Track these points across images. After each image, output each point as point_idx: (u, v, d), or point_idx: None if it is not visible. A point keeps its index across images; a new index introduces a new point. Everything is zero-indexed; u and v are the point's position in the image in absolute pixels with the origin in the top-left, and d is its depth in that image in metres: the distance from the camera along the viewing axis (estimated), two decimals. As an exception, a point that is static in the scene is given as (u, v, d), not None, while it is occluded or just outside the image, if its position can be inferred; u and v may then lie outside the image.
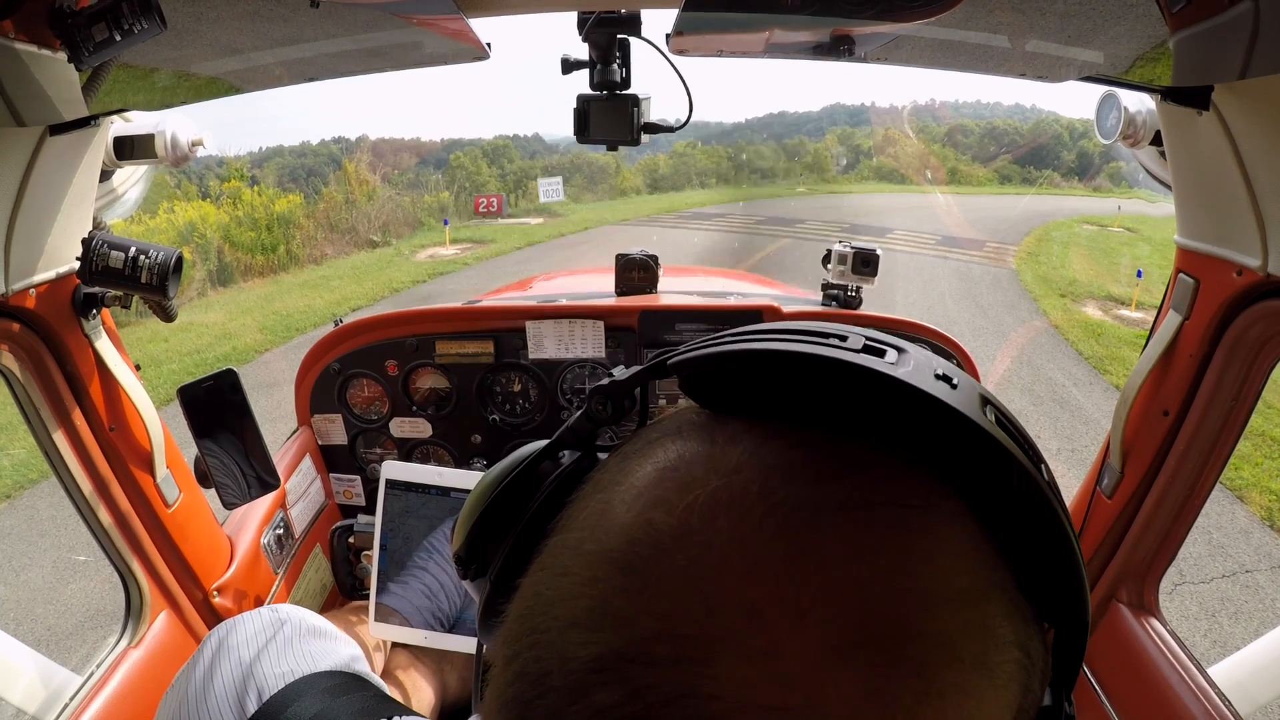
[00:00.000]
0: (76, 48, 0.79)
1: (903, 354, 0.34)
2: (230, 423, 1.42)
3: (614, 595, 0.30)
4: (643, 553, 0.31)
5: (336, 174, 19.92)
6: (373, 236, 16.20)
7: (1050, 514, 0.32)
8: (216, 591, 1.48)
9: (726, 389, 0.37)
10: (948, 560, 0.31)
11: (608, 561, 0.31)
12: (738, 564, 0.29)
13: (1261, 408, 2.29)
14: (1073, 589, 0.33)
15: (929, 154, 26.67)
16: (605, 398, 0.44)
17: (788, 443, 0.33)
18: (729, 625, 0.28)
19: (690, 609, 0.29)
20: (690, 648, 0.28)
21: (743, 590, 0.28)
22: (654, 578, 0.30)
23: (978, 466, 0.32)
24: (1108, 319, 9.64)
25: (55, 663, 1.32)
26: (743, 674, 0.27)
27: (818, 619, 0.28)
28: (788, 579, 0.29)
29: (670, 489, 0.32)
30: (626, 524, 0.32)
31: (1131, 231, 15.53)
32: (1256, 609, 4.03)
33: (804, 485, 0.31)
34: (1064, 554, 0.33)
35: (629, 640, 0.29)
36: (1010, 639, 0.31)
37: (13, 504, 5.23)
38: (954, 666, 0.28)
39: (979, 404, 0.33)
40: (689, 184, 25.05)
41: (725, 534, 0.30)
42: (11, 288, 1.07)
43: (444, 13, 1.06)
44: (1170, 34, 0.85)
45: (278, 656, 0.56)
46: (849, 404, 0.34)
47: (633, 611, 0.29)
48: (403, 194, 18.90)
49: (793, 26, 1.11)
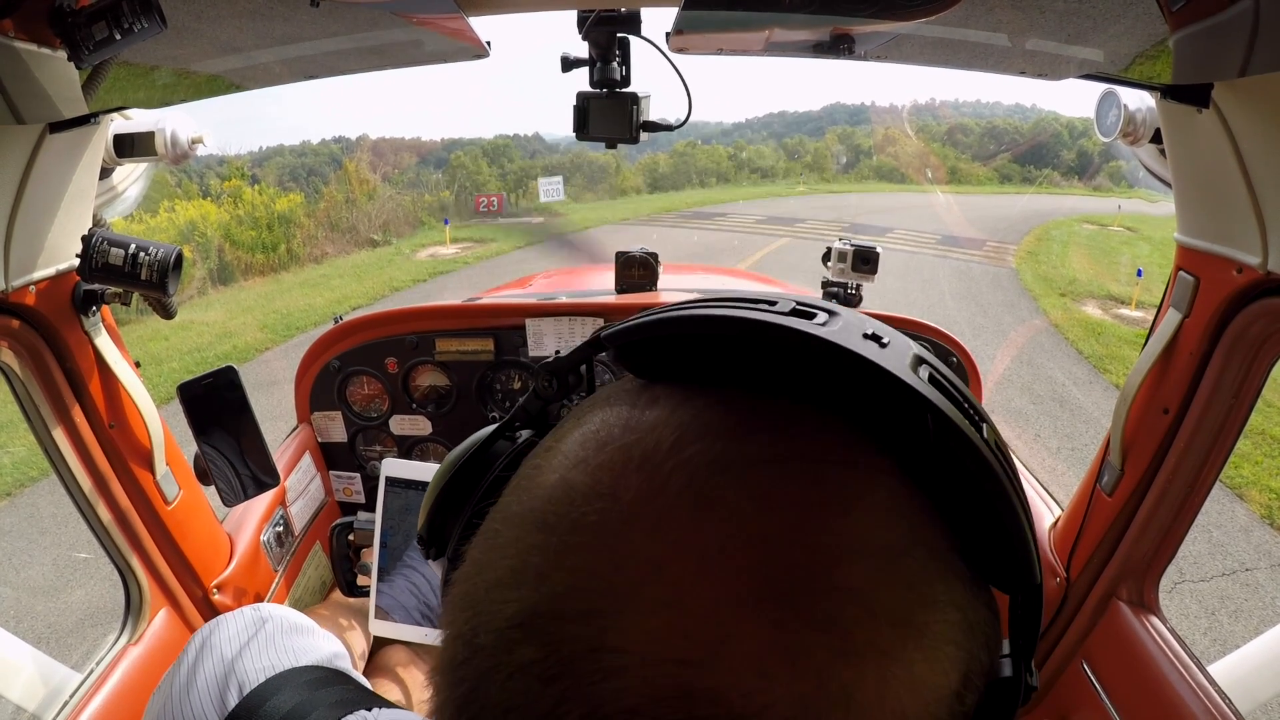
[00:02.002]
0: (76, 46, 0.79)
1: (834, 316, 0.34)
2: (230, 420, 1.42)
3: (531, 553, 0.30)
4: (558, 510, 0.31)
5: (337, 173, 19.90)
6: (373, 235, 16.19)
7: (987, 474, 0.31)
8: (216, 589, 1.49)
9: (656, 358, 0.37)
10: (865, 515, 0.30)
11: (529, 522, 0.32)
12: (645, 518, 0.29)
13: (1261, 406, 2.29)
14: (1016, 552, 0.32)
15: (929, 153, 26.64)
16: (551, 374, 0.45)
17: (706, 402, 0.33)
18: (634, 578, 0.28)
19: (598, 564, 0.29)
20: (599, 601, 0.28)
21: (648, 543, 0.28)
22: (567, 534, 0.30)
23: (906, 424, 0.31)
24: (1108, 318, 9.64)
25: (55, 660, 1.32)
26: (647, 627, 0.27)
27: (721, 570, 0.27)
28: (692, 531, 0.28)
29: (589, 450, 0.33)
30: (547, 485, 0.33)
31: (1131, 230, 15.52)
32: (1256, 607, 4.03)
33: (716, 440, 0.31)
34: (1004, 515, 0.31)
35: (545, 596, 0.29)
36: (943, 599, 0.30)
37: (13, 501, 5.24)
38: (869, 624, 0.27)
39: (911, 363, 0.32)
40: (689, 183, 25.05)
41: (634, 490, 0.30)
42: (11, 285, 1.07)
43: (444, 11, 1.06)
44: (1170, 32, 0.85)
45: (259, 653, 0.57)
46: (774, 366, 0.33)
47: (548, 568, 0.30)
48: (403, 193, 18.89)
49: (792, 25, 1.11)
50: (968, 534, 0.32)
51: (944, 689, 0.29)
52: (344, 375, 2.00)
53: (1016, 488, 0.32)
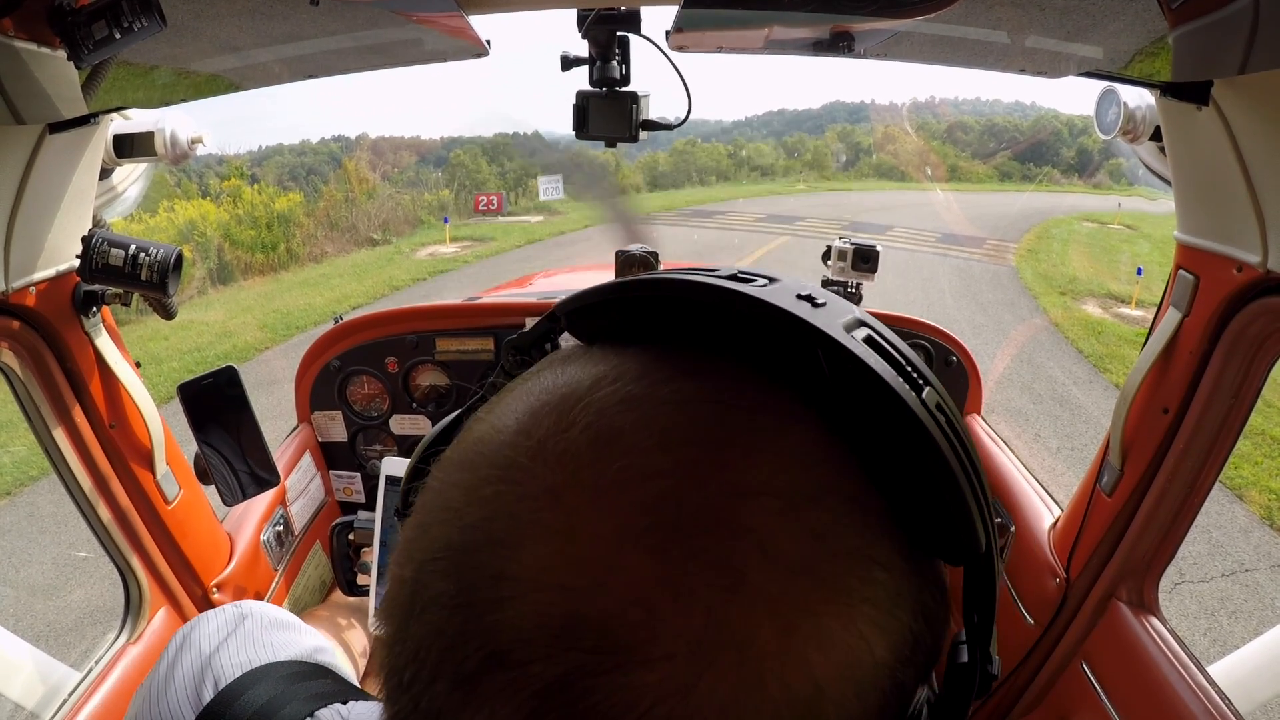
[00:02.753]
0: (76, 46, 0.79)
1: (773, 281, 0.34)
2: (230, 420, 1.42)
3: (452, 491, 0.32)
4: (480, 449, 0.32)
5: (336, 172, 19.90)
6: (373, 234, 16.18)
7: (919, 432, 0.29)
8: (216, 588, 1.49)
9: (602, 325, 0.39)
10: (770, 458, 0.29)
11: (454, 463, 0.33)
12: (551, 454, 0.30)
13: (1261, 406, 2.29)
14: (954, 516, 0.30)
15: (929, 151, 26.63)
16: (515, 350, 0.46)
17: (632, 354, 0.34)
18: (535, 508, 0.29)
19: (506, 496, 0.29)
20: (503, 531, 0.29)
21: (549, 474, 0.29)
22: (482, 470, 0.31)
23: (832, 382, 0.30)
24: (1108, 317, 9.64)
25: (54, 658, 1.33)
26: (541, 555, 0.27)
27: (614, 503, 0.28)
28: (590, 464, 0.29)
29: (517, 399, 0.34)
30: (476, 431, 0.34)
31: (1131, 229, 15.51)
32: (1256, 608, 4.03)
33: (629, 383, 0.31)
34: (938, 476, 0.30)
35: (459, 529, 0.30)
36: (860, 554, 0.29)
37: (13, 500, 5.24)
38: (765, 568, 0.27)
39: (848, 324, 0.32)
40: (688, 181, 25.03)
41: (545, 427, 0.31)
42: (12, 285, 1.07)
43: (443, 10, 1.05)
44: (1170, 29, 0.85)
45: (237, 648, 0.57)
46: (706, 327, 0.34)
47: (463, 503, 0.31)
48: (403, 192, 18.87)
49: (792, 23, 1.11)
50: (901, 497, 0.30)
51: (864, 655, 0.28)
52: (344, 375, 2.00)
53: (958, 450, 0.30)
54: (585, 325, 0.40)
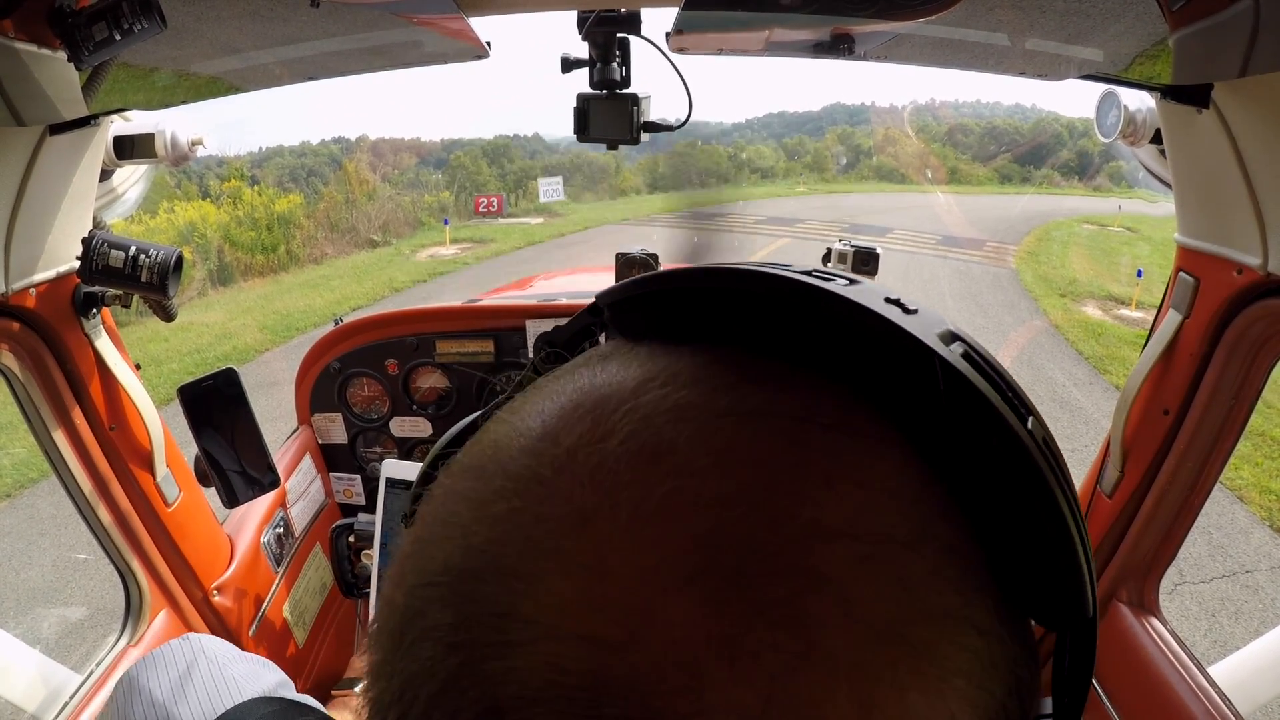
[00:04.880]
0: (76, 47, 0.79)
1: (854, 283, 0.28)
2: (230, 422, 1.42)
3: (459, 503, 0.26)
4: (496, 456, 0.27)
5: (336, 174, 19.90)
6: (373, 236, 16.19)
7: (1030, 470, 0.24)
8: (216, 590, 1.49)
9: (652, 319, 0.32)
10: (857, 490, 0.24)
11: (465, 469, 0.28)
12: (580, 465, 0.24)
13: (1261, 407, 2.29)
14: (1064, 573, 0.25)
15: (929, 153, 26.63)
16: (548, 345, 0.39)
17: (686, 353, 0.28)
18: (557, 532, 0.23)
19: (523, 515, 0.24)
20: (516, 559, 0.23)
21: (578, 493, 0.24)
22: (495, 480, 0.26)
23: (928, 401, 0.25)
24: (1108, 319, 9.64)
25: (55, 661, 1.32)
26: (561, 593, 0.22)
27: (658, 533, 0.22)
28: (630, 483, 0.23)
29: (546, 398, 0.29)
30: (495, 434, 0.29)
31: (1132, 231, 15.51)
32: (1257, 609, 4.03)
33: (683, 388, 0.26)
34: (1049, 525, 0.25)
35: (464, 550, 0.25)
36: (956, 615, 0.23)
37: (13, 503, 5.23)
38: (846, 627, 0.21)
39: (943, 336, 0.26)
40: (688, 183, 25.02)
41: (576, 435, 0.25)
42: (11, 287, 1.07)
43: (444, 12, 1.05)
44: (1170, 32, 0.85)
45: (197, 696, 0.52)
46: (779, 327, 0.28)
47: (471, 519, 0.25)
48: (403, 194, 18.88)
49: (792, 25, 1.11)
50: (1000, 544, 0.25)
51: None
52: (344, 377, 2.00)
53: (1069, 497, 0.25)
54: (632, 320, 0.33)
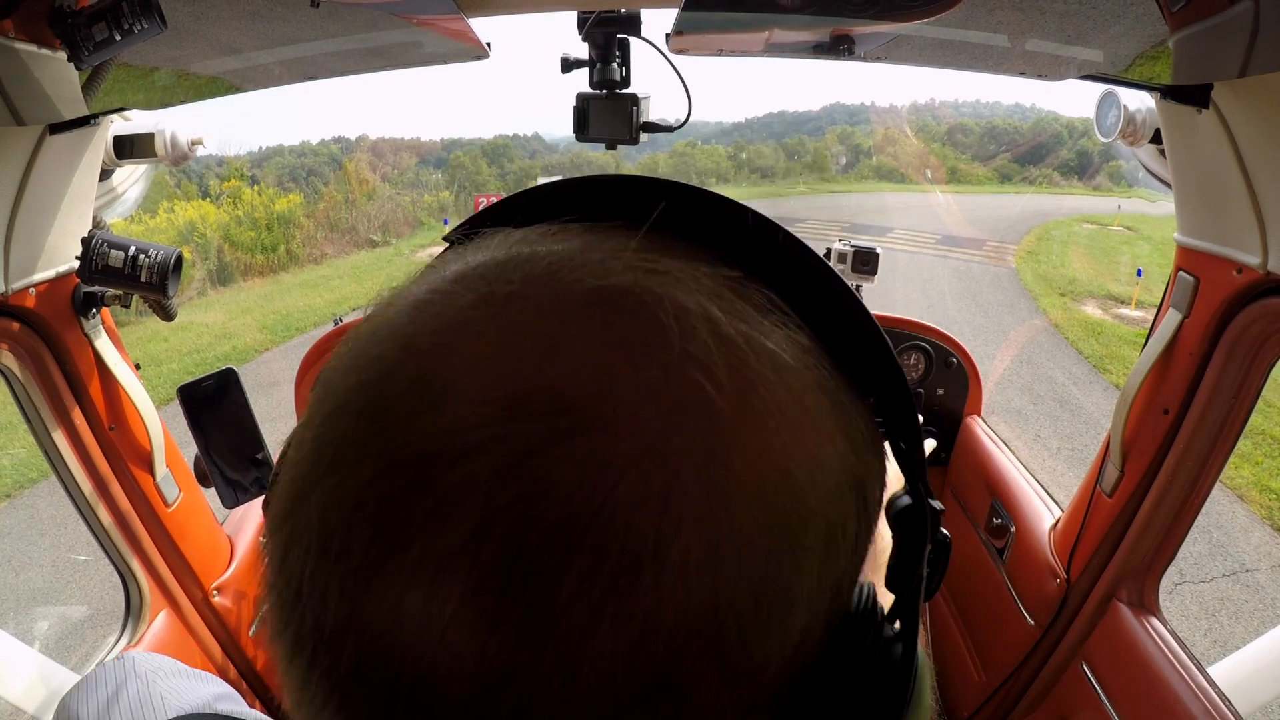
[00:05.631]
0: (76, 47, 0.79)
1: None
2: (230, 422, 1.42)
3: (347, 360, 0.27)
4: (373, 326, 0.28)
5: (336, 173, 19.93)
6: (373, 236, 16.20)
7: (822, 269, 0.30)
8: (216, 591, 1.48)
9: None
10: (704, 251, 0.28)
11: (342, 353, 0.29)
12: (470, 279, 0.27)
13: (1261, 406, 2.29)
14: (867, 338, 0.29)
15: (929, 153, 26.64)
16: None
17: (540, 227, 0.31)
18: (461, 319, 0.25)
19: (419, 323, 0.26)
20: (426, 347, 0.25)
21: (470, 294, 0.26)
22: (381, 333, 0.27)
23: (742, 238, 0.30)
24: (1108, 318, 9.65)
25: (55, 661, 1.32)
26: (474, 351, 0.24)
27: (551, 288, 0.25)
28: (517, 266, 0.27)
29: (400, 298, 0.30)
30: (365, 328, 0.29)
31: (1131, 230, 15.52)
32: (1256, 608, 4.03)
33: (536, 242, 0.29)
34: (844, 303, 0.29)
35: (360, 379, 0.26)
36: (791, 339, 0.27)
37: (12, 503, 5.23)
38: (704, 332, 0.24)
39: None
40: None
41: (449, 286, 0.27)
42: (11, 287, 1.07)
43: (444, 12, 1.05)
44: (1170, 32, 0.85)
45: (119, 717, 0.51)
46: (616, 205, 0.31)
47: (369, 357, 0.27)
48: (403, 193, 18.91)
49: (792, 26, 1.11)
50: (813, 321, 0.29)
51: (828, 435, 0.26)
52: (344, 376, 2.00)
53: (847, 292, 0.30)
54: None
